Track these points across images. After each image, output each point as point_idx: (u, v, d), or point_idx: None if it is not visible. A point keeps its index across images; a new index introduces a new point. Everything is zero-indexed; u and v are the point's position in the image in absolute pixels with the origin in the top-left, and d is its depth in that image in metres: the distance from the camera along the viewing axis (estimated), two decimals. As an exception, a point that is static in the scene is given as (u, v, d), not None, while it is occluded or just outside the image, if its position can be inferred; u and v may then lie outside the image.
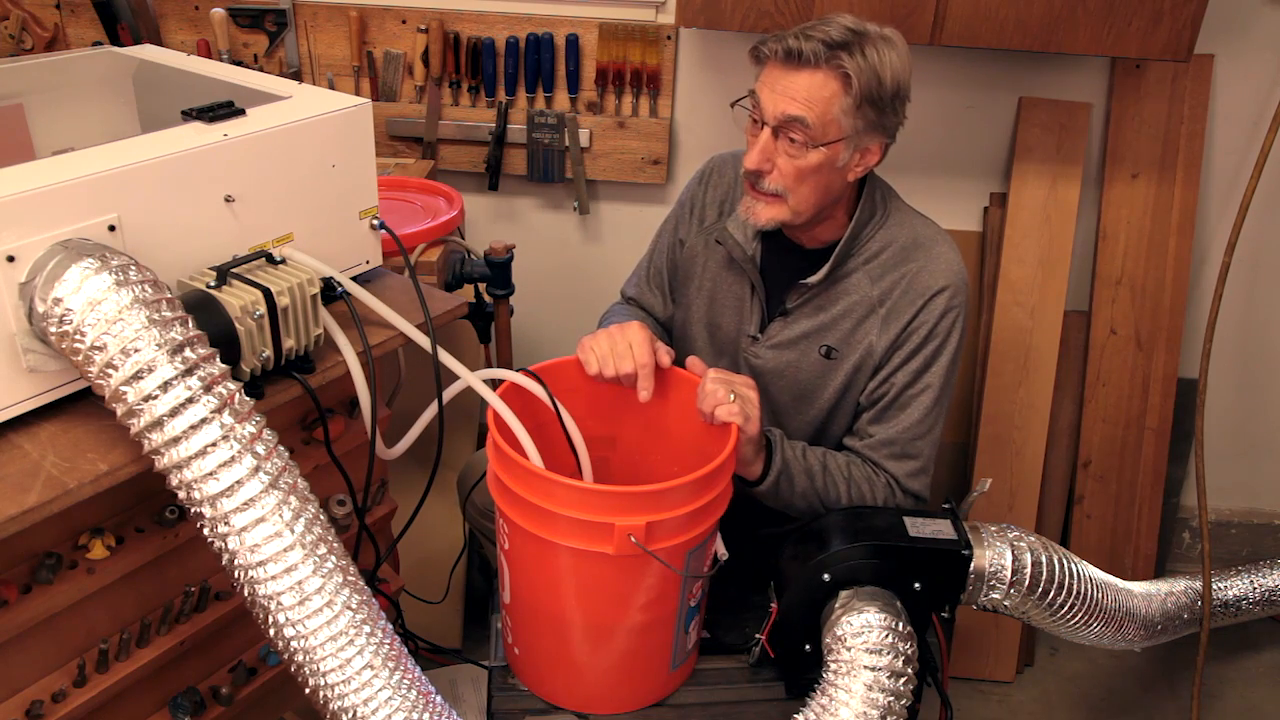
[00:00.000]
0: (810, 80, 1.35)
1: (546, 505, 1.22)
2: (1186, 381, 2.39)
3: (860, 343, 1.49)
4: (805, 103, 1.35)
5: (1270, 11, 2.15)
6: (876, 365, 1.49)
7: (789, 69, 1.36)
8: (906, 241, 1.49)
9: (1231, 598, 2.13)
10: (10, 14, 2.20)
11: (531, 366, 1.38)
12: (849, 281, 1.50)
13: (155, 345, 0.97)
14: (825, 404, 1.54)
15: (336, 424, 1.31)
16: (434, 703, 1.13)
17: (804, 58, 1.34)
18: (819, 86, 1.35)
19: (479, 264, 2.03)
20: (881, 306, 1.48)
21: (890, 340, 1.48)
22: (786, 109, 1.36)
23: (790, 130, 1.37)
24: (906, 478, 1.50)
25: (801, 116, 1.35)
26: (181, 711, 1.27)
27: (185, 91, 1.37)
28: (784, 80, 1.36)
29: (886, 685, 1.27)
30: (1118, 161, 2.28)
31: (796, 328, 1.53)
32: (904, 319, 1.47)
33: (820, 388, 1.53)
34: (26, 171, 1.02)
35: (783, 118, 1.36)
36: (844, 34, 1.34)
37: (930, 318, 1.46)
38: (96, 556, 1.11)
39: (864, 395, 1.52)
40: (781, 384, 1.54)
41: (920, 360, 1.48)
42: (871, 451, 1.50)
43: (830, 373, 1.52)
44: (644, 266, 1.74)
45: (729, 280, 1.58)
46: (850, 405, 1.54)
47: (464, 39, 2.23)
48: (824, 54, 1.33)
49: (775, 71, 1.38)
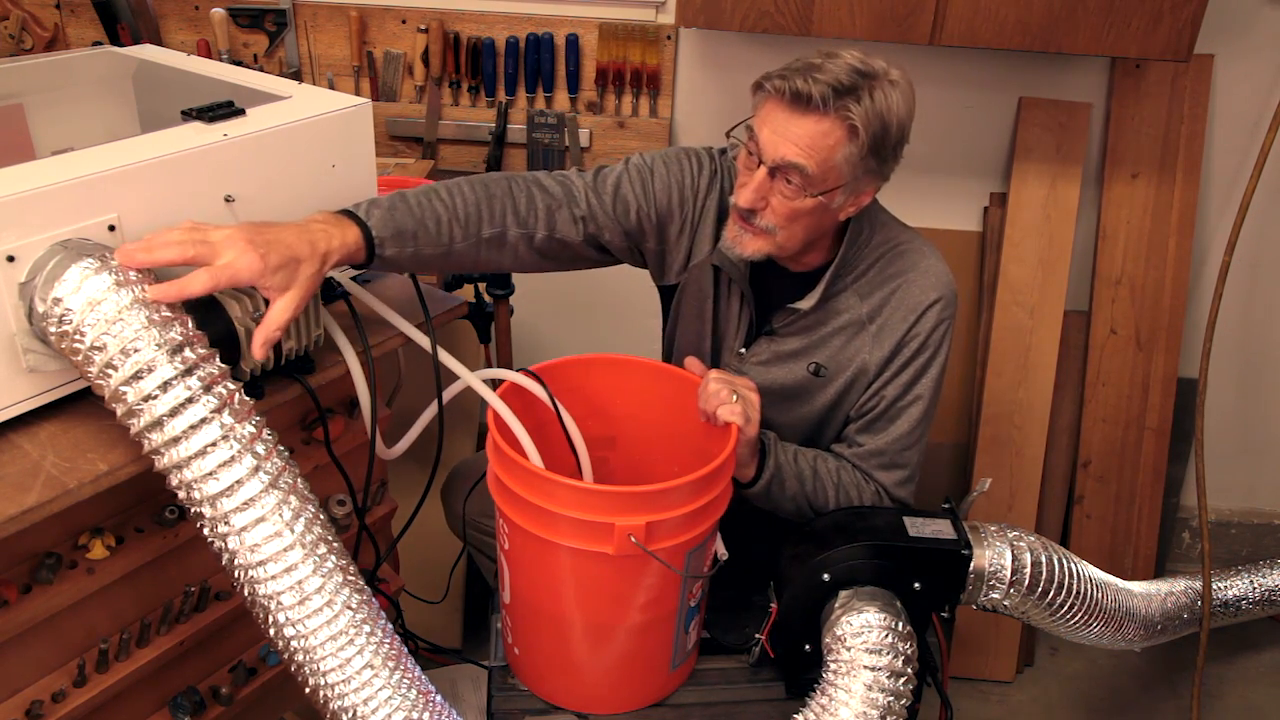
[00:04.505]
0: (815, 127, 1.29)
1: (546, 505, 1.22)
2: (1186, 381, 2.39)
3: (852, 361, 1.48)
4: (807, 150, 1.29)
5: (1270, 11, 2.15)
6: (872, 379, 1.48)
7: (794, 111, 1.29)
8: (893, 255, 1.47)
9: (1231, 598, 2.13)
10: (10, 14, 2.20)
11: (531, 366, 1.38)
12: (838, 301, 1.48)
13: (155, 345, 0.97)
14: (811, 419, 1.53)
15: (336, 424, 1.31)
16: (434, 703, 1.13)
17: (811, 102, 1.27)
18: (823, 134, 1.29)
19: (479, 264, 2.02)
20: (872, 323, 1.47)
21: (884, 356, 1.46)
22: (787, 154, 1.30)
23: (788, 174, 1.31)
24: (894, 486, 1.50)
25: (802, 165, 1.30)
26: (181, 711, 1.27)
27: (185, 91, 1.38)
28: (787, 123, 1.30)
29: (886, 685, 1.27)
30: (1118, 161, 2.28)
31: (784, 346, 1.51)
32: (897, 334, 1.45)
33: (806, 404, 1.52)
34: (26, 171, 1.02)
35: (782, 162, 1.31)
36: (852, 77, 1.28)
37: (923, 330, 1.45)
38: (96, 556, 1.11)
39: (854, 408, 1.51)
40: (767, 400, 1.50)
41: (912, 372, 1.47)
42: (860, 461, 1.50)
43: (818, 390, 1.51)
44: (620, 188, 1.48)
45: (723, 298, 1.55)
46: (839, 420, 1.53)
47: (464, 39, 2.23)
48: (832, 100, 1.27)
49: (778, 111, 1.31)
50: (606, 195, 1.47)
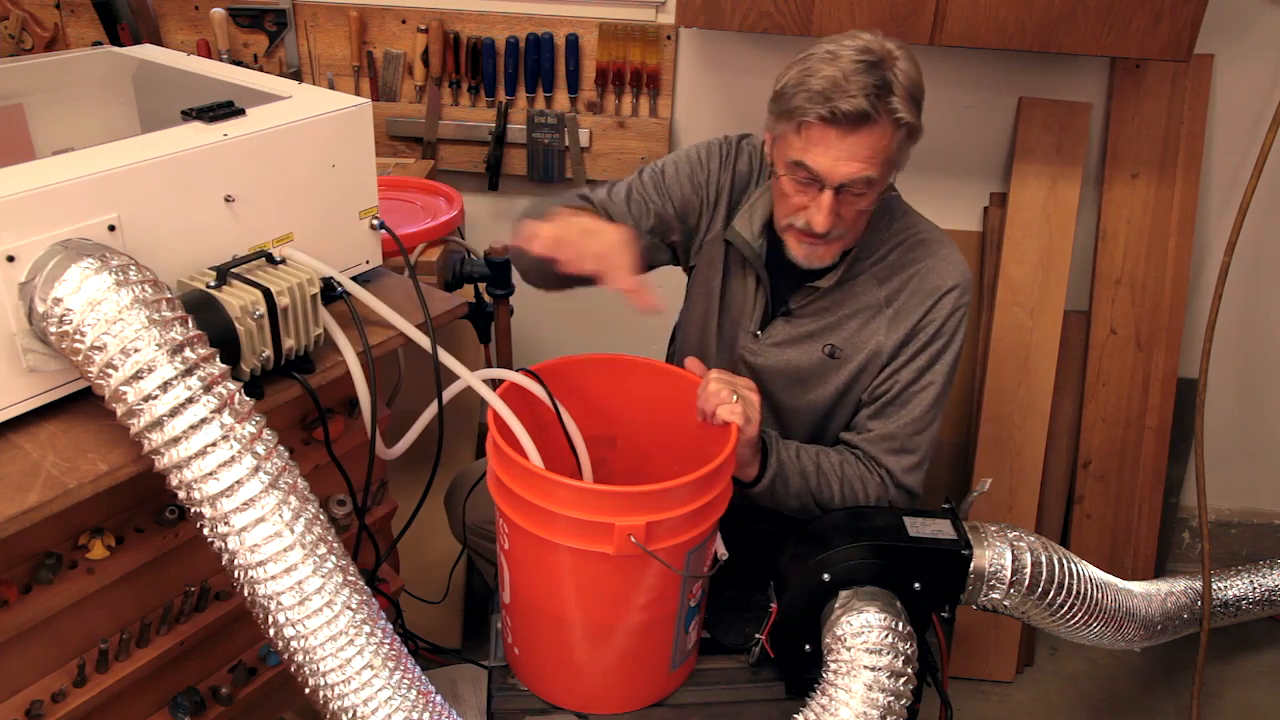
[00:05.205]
0: (870, 138, 1.32)
1: (546, 505, 1.22)
2: (1186, 381, 2.39)
3: (866, 344, 1.50)
4: (869, 161, 1.33)
5: (1270, 11, 2.15)
6: (885, 363, 1.50)
7: (846, 131, 1.31)
8: (912, 242, 1.50)
9: (1231, 598, 2.13)
10: (10, 14, 2.20)
11: (531, 366, 1.38)
12: (856, 283, 1.51)
13: (155, 345, 0.97)
14: (825, 402, 1.54)
15: (336, 424, 1.31)
16: (434, 703, 1.13)
17: (865, 119, 1.30)
18: (878, 140, 1.32)
19: (479, 264, 2.02)
20: (889, 307, 1.49)
21: (899, 339, 1.49)
22: (853, 172, 1.33)
23: (855, 187, 1.35)
24: (903, 473, 1.50)
25: (871, 176, 1.34)
26: (181, 711, 1.27)
27: (185, 91, 1.37)
28: (842, 143, 1.32)
29: (886, 685, 1.27)
30: (1118, 161, 2.28)
31: (800, 327, 1.53)
32: (913, 318, 1.48)
33: (820, 386, 1.54)
34: (26, 171, 1.02)
35: (849, 180, 1.34)
36: (878, 77, 1.29)
37: (939, 316, 1.47)
38: (96, 556, 1.11)
39: (866, 392, 1.52)
40: (781, 382, 1.55)
41: (926, 358, 1.48)
42: (870, 446, 1.51)
43: (832, 372, 1.52)
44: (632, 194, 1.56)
45: (734, 276, 1.58)
46: (851, 403, 1.55)
47: (464, 39, 2.23)
48: (879, 108, 1.29)
49: (828, 135, 1.32)
50: (619, 202, 1.54)
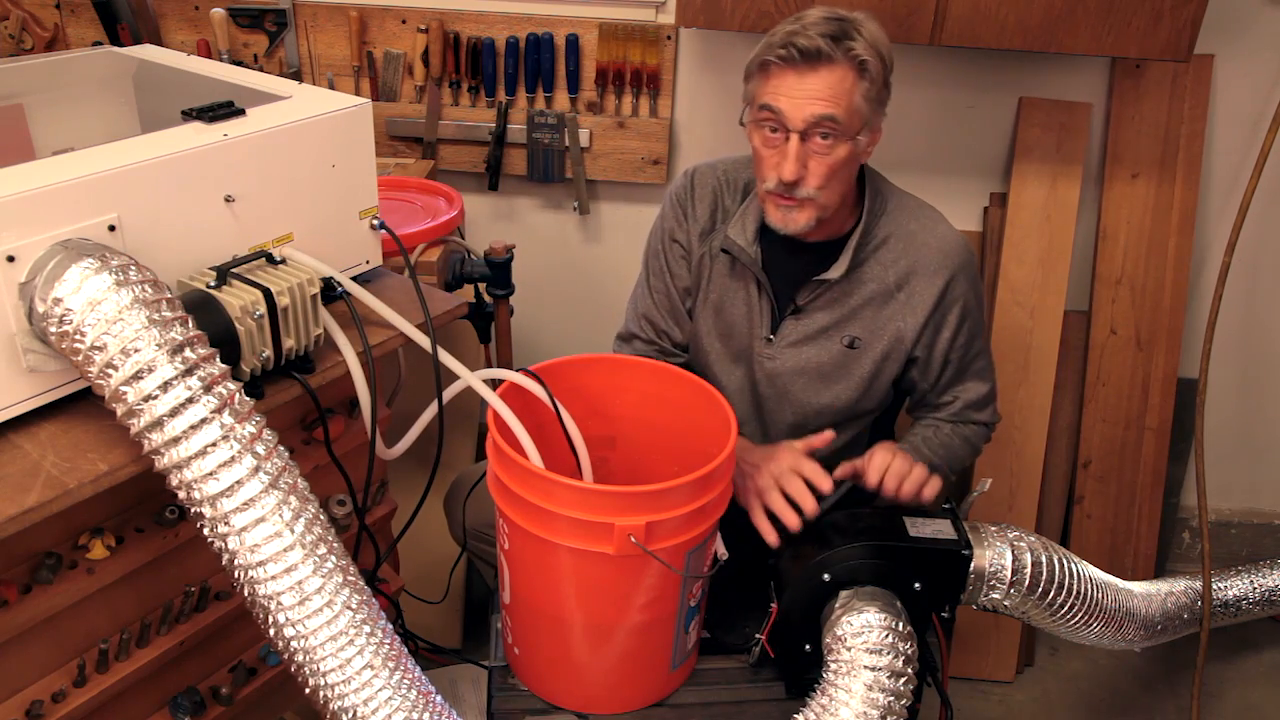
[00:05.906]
0: (830, 76, 1.35)
1: (546, 505, 1.22)
2: (1186, 381, 2.39)
3: (886, 329, 1.53)
4: (832, 99, 1.36)
5: (1270, 11, 2.15)
6: (911, 346, 1.54)
7: (805, 70, 1.36)
8: (910, 224, 1.53)
9: (1231, 598, 2.13)
10: (10, 14, 2.20)
11: (531, 366, 1.38)
12: (863, 271, 1.52)
13: (155, 345, 0.97)
14: (852, 391, 1.57)
15: (336, 424, 1.31)
16: (434, 703, 1.13)
17: (821, 55, 1.34)
18: (839, 80, 1.36)
19: (479, 264, 2.03)
20: (900, 291, 1.51)
21: (920, 321, 1.52)
22: (815, 110, 1.36)
23: (819, 130, 1.37)
24: (991, 413, 1.66)
25: (832, 114, 1.36)
26: (181, 711, 1.27)
27: (185, 91, 1.37)
28: (803, 83, 1.36)
29: (886, 685, 1.27)
30: (1118, 161, 2.28)
31: (813, 323, 1.54)
32: (930, 299, 1.51)
33: (843, 377, 1.56)
34: (26, 171, 1.02)
35: (812, 120, 1.36)
36: (837, 26, 1.36)
37: (959, 292, 1.52)
38: (96, 556, 1.11)
39: (923, 379, 1.59)
40: (801, 382, 1.56)
41: (966, 332, 1.56)
42: (960, 415, 1.63)
43: (854, 362, 1.55)
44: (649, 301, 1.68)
45: (734, 286, 1.58)
46: (881, 389, 1.58)
47: (464, 39, 2.23)
48: (836, 46, 1.34)
49: (789, 77, 1.37)
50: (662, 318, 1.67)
